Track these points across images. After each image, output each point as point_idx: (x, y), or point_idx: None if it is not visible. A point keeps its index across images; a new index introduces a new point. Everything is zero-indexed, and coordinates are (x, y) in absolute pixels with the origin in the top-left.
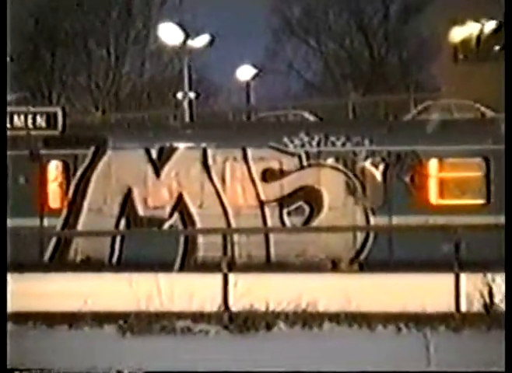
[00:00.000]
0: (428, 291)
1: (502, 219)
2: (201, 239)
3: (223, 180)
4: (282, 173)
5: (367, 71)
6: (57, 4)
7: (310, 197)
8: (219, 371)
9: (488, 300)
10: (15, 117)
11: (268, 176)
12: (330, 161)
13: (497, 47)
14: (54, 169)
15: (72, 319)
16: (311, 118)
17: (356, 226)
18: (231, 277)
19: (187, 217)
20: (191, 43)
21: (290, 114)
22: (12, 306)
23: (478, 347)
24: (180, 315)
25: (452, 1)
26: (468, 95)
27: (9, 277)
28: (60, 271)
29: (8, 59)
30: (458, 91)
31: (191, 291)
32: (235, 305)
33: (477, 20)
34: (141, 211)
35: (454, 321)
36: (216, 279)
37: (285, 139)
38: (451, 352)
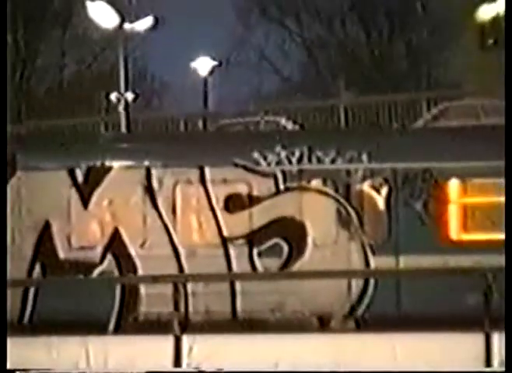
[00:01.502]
0: (447, 356)
1: None
2: (143, 290)
3: (173, 210)
4: (251, 200)
5: (364, 63)
6: None
7: (290, 232)
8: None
9: None
10: None
11: (232, 204)
12: (315, 183)
13: None
14: None
15: None
16: (290, 126)
17: (352, 270)
18: (185, 339)
19: (124, 261)
20: (129, 27)
21: (262, 121)
22: None
23: None
24: None
25: None
26: (499, 92)
27: None
28: None
29: None
30: (486, 87)
31: (131, 360)
32: None
33: None
34: (62, 253)
35: None
36: (165, 342)
37: (256, 154)
38: None
